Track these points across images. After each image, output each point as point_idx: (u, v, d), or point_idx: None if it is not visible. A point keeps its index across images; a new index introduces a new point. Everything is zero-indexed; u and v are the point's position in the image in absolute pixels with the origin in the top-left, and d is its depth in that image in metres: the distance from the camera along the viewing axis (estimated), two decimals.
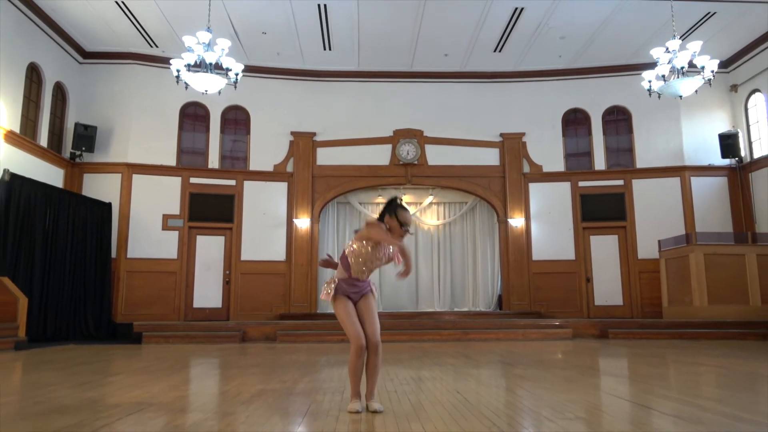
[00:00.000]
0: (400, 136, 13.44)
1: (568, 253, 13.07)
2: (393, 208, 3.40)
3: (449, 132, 13.53)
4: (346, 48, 12.52)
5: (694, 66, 7.62)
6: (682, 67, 7.48)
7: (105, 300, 11.49)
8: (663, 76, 7.55)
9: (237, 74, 7.83)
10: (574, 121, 13.63)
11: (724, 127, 12.90)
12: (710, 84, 8.12)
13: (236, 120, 13.37)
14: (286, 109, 13.37)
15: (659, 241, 12.16)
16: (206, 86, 7.39)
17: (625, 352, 7.43)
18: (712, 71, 7.49)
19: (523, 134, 13.51)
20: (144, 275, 12.18)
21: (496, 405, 3.55)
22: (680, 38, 11.65)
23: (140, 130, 12.57)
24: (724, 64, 13.06)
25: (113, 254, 11.98)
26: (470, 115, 13.56)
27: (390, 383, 4.48)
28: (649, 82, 7.81)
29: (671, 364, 6.06)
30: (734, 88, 12.96)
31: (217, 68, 8.06)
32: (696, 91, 7.85)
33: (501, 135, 13.51)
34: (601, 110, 13.43)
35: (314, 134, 13.37)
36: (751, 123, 12.63)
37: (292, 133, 13.32)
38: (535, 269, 13.03)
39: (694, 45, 7.52)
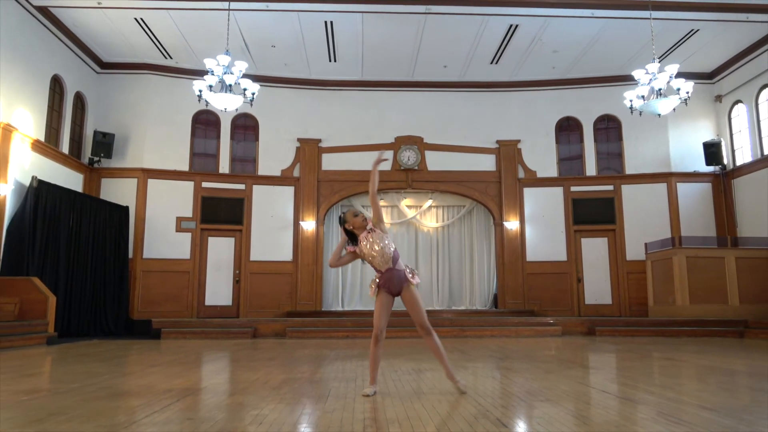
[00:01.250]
0: (401, 142, 14.13)
1: (560, 254, 13.79)
2: (342, 221, 4.21)
3: (448, 139, 14.23)
4: (350, 60, 13.20)
5: (672, 86, 8.30)
6: (660, 89, 8.17)
7: (123, 298, 12.20)
8: (642, 96, 8.25)
9: (254, 93, 8.52)
10: (567, 129, 14.34)
11: (710, 136, 13.61)
12: (686, 104, 8.82)
13: (245, 127, 14.06)
14: (293, 117, 14.06)
15: (646, 244, 12.89)
16: (225, 105, 8.08)
17: (605, 348, 8.15)
18: (687, 92, 8.19)
19: (519, 141, 14.21)
20: (159, 274, 12.89)
21: (483, 390, 4.26)
22: (666, 52, 12.45)
23: (155, 136, 13.25)
24: (709, 76, 13.79)
25: (130, 255, 12.69)
26: (468, 123, 14.26)
27: (394, 373, 5.19)
28: (630, 101, 8.51)
29: (642, 358, 6.78)
30: (719, 98, 13.66)
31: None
32: (674, 109, 8.54)
33: (497, 142, 14.21)
34: (593, 118, 14.13)
35: (320, 141, 14.07)
36: (734, 132, 13.35)
37: (299, 140, 14.02)
38: (529, 270, 13.76)
39: (672, 68, 8.22)
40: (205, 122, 13.79)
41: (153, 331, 10.65)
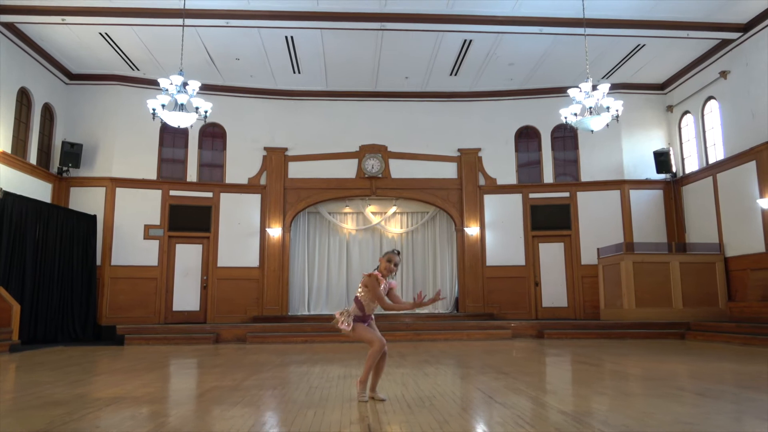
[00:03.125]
0: (365, 151, 14.56)
1: (519, 259, 14.29)
2: (385, 253, 4.49)
3: (411, 147, 14.67)
4: (314, 71, 13.60)
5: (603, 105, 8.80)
6: (591, 107, 8.66)
7: (91, 304, 12.52)
8: (575, 114, 8.74)
9: (206, 111, 8.91)
10: (526, 138, 14.84)
11: (662, 145, 14.16)
12: (617, 120, 9.32)
13: (213, 135, 14.42)
14: (259, 126, 14.44)
15: (598, 249, 13.42)
16: (179, 122, 8.46)
17: (540, 350, 8.63)
18: (617, 110, 8.69)
19: (479, 150, 14.69)
20: (127, 281, 13.23)
21: (393, 388, 4.70)
22: (617, 65, 12.99)
23: (123, 146, 13.58)
24: (661, 87, 14.34)
25: (98, 262, 13.01)
26: (430, 132, 14.71)
27: (319, 379, 5.62)
28: (565, 118, 8.99)
29: (560, 362, 7.26)
30: (670, 108, 14.22)
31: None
32: (608, 125, 9.03)
33: (459, 150, 14.68)
34: (550, 127, 14.64)
35: (286, 149, 14.46)
36: (683, 141, 13.90)
37: (266, 149, 14.40)
38: (489, 274, 14.24)
39: (603, 87, 8.72)
40: (172, 131, 14.10)
41: (117, 337, 11.00)
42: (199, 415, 4.02)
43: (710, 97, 12.83)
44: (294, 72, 13.58)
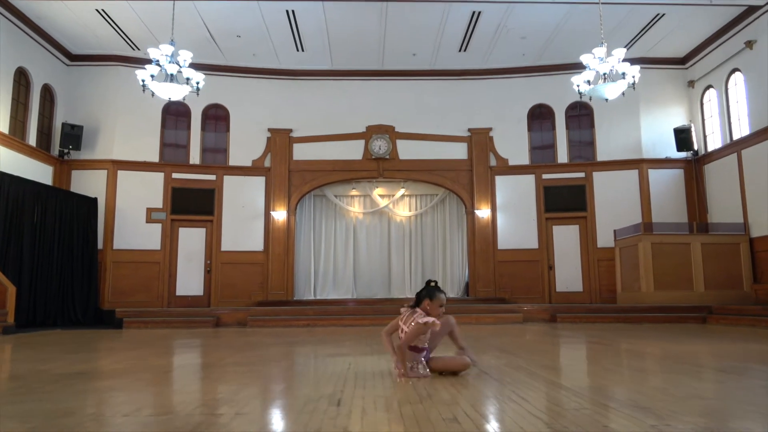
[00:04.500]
0: (372, 131, 14.11)
1: (532, 242, 13.76)
2: (431, 292, 3.83)
3: (419, 127, 14.19)
4: (318, 49, 13.17)
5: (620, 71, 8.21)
6: (605, 74, 8.10)
7: (92, 288, 12.30)
8: (588, 81, 8.18)
9: (198, 83, 8.54)
10: (539, 116, 14.25)
11: (683, 122, 13.48)
12: (634, 88, 8.73)
13: (216, 117, 14.09)
14: (263, 107, 14.07)
15: (615, 231, 12.83)
16: (169, 94, 8.11)
17: (547, 333, 8.14)
18: (633, 76, 8.11)
19: (491, 129, 14.15)
20: (129, 265, 12.99)
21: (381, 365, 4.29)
22: (635, 37, 12.36)
23: (125, 128, 13.31)
24: (682, 61, 13.64)
25: (100, 246, 12.79)
26: (440, 111, 14.20)
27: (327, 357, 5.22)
28: (578, 86, 8.44)
29: (572, 342, 6.78)
30: (691, 84, 13.52)
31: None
32: (623, 93, 8.45)
33: (469, 130, 14.15)
34: (565, 105, 14.03)
35: (291, 131, 14.07)
36: (705, 118, 13.21)
37: (270, 130, 14.03)
38: (500, 258, 13.73)
39: (619, 52, 8.14)
40: (175, 113, 13.82)
41: (116, 320, 10.75)
42: (157, 389, 3.65)
43: (735, 70, 12.13)
44: (297, 50, 13.16)
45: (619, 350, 5.85)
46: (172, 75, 8.07)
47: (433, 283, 3.96)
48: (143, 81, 8.06)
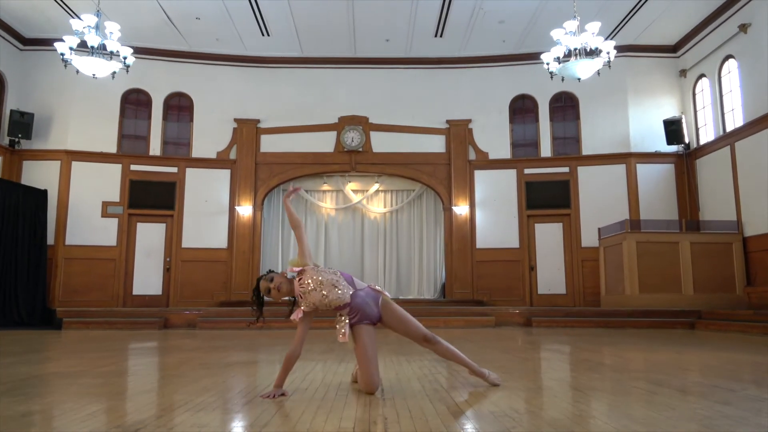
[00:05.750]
0: (345, 122, 13.31)
1: (512, 241, 12.92)
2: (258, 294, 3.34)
3: (395, 119, 13.38)
4: (285, 34, 12.39)
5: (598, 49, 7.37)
6: (576, 49, 7.27)
7: (39, 287, 11.52)
8: (558, 58, 7.35)
9: (125, 58, 7.75)
10: (522, 108, 13.42)
11: (674, 114, 12.63)
12: (609, 66, 7.89)
13: (179, 107, 13.31)
14: (229, 96, 13.29)
15: (599, 229, 11.99)
16: (94, 70, 7.33)
17: (510, 338, 7.32)
18: (608, 53, 7.27)
19: (470, 121, 13.33)
20: (83, 262, 12.21)
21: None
22: (622, 22, 11.54)
23: (80, 117, 12.55)
24: (673, 49, 12.81)
25: (51, 241, 12.01)
26: (416, 102, 13.39)
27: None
28: (547, 64, 7.61)
29: (526, 349, 5.96)
30: (683, 73, 12.68)
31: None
32: (598, 72, 7.62)
33: (447, 122, 13.34)
34: (549, 96, 13.20)
35: (258, 121, 13.29)
36: (698, 109, 12.37)
37: (236, 120, 13.25)
38: (479, 257, 12.90)
39: (593, 25, 7.31)
40: (135, 102, 13.07)
41: (56, 320, 9.98)
42: None
43: (728, 56, 11.28)
44: (263, 34, 12.38)
45: (574, 360, 5.03)
46: (93, 47, 7.28)
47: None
48: (62, 54, 7.27)
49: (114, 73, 7.92)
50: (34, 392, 3.27)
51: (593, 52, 7.23)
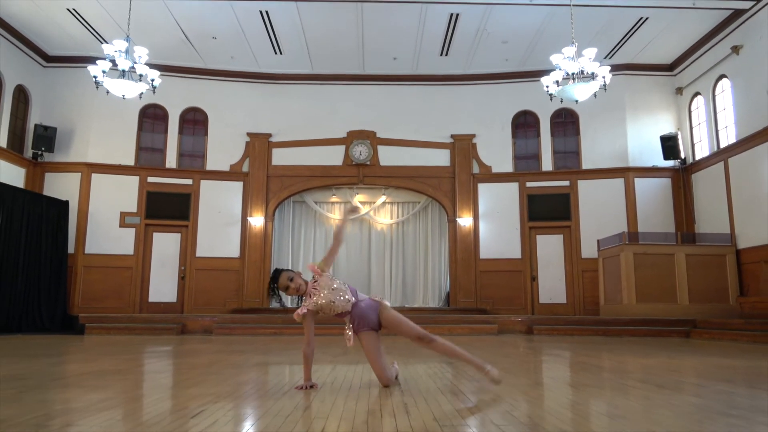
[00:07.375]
0: (353, 137, 13.83)
1: (515, 252, 13.37)
2: (274, 286, 3.67)
3: (401, 133, 13.90)
4: (296, 52, 12.93)
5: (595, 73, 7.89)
6: (573, 73, 7.78)
7: (60, 294, 12.01)
8: (557, 81, 7.87)
9: (153, 80, 8.29)
10: (524, 123, 13.93)
11: (670, 130, 13.11)
12: (605, 89, 8.39)
13: (195, 121, 13.85)
14: (242, 111, 13.83)
15: (598, 241, 12.44)
16: (124, 91, 7.86)
17: (511, 344, 7.76)
18: (604, 77, 7.78)
19: (474, 136, 13.84)
20: (101, 270, 12.71)
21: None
22: (620, 42, 12.07)
23: (100, 130, 13.10)
24: (670, 68, 13.31)
25: (71, 250, 12.52)
26: (422, 117, 13.91)
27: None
28: (547, 87, 8.12)
29: (526, 354, 6.40)
30: (679, 91, 13.17)
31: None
32: (595, 95, 8.13)
33: (452, 136, 13.85)
34: (550, 113, 13.70)
35: (270, 135, 13.82)
36: (693, 125, 12.85)
37: (249, 134, 13.78)
38: (482, 267, 13.35)
39: (589, 52, 7.82)
40: (152, 116, 13.62)
41: (78, 326, 10.46)
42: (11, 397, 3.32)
43: (722, 76, 11.78)
44: (276, 53, 12.93)
45: (572, 363, 5.47)
46: (124, 71, 7.82)
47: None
48: (95, 77, 7.82)
49: (141, 93, 8.46)
50: (102, 385, 3.74)
51: (590, 76, 7.72)
